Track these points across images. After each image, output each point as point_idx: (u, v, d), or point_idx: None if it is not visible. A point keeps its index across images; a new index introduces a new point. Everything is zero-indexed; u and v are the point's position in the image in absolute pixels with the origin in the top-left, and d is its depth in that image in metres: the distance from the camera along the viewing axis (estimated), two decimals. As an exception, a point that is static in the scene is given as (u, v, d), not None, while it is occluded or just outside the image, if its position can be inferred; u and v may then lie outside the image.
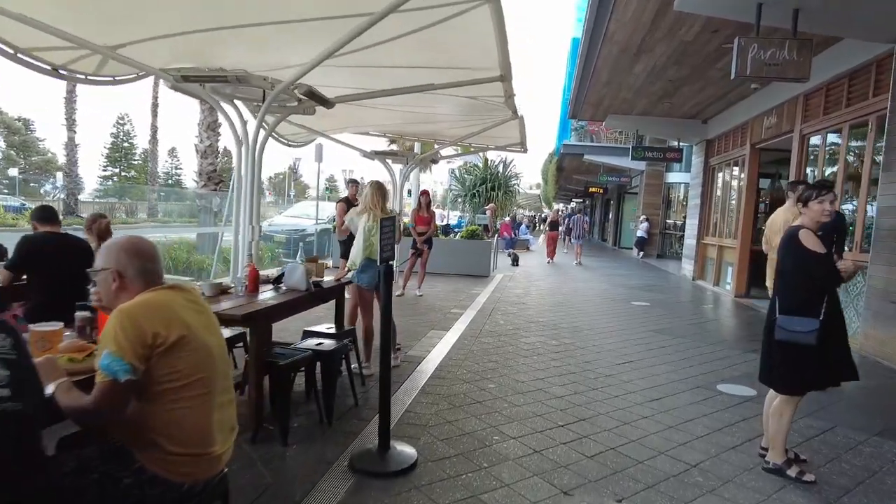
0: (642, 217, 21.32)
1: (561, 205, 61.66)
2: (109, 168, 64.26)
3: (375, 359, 4.85)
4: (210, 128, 12.33)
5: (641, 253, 20.82)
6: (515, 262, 15.64)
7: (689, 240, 14.38)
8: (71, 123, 24.60)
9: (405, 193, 9.90)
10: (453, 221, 25.48)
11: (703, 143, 13.68)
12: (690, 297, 11.09)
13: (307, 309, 4.24)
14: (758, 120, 10.29)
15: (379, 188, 4.82)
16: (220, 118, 13.01)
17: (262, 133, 5.46)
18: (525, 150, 11.43)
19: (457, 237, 13.09)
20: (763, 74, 5.71)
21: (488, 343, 6.16)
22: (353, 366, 4.63)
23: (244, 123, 6.18)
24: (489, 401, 4.28)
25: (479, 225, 14.27)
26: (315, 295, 4.15)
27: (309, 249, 14.78)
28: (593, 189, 30.72)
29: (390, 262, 3.37)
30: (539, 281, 12.41)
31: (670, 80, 10.16)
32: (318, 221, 14.86)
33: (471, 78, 5.71)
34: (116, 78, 5.60)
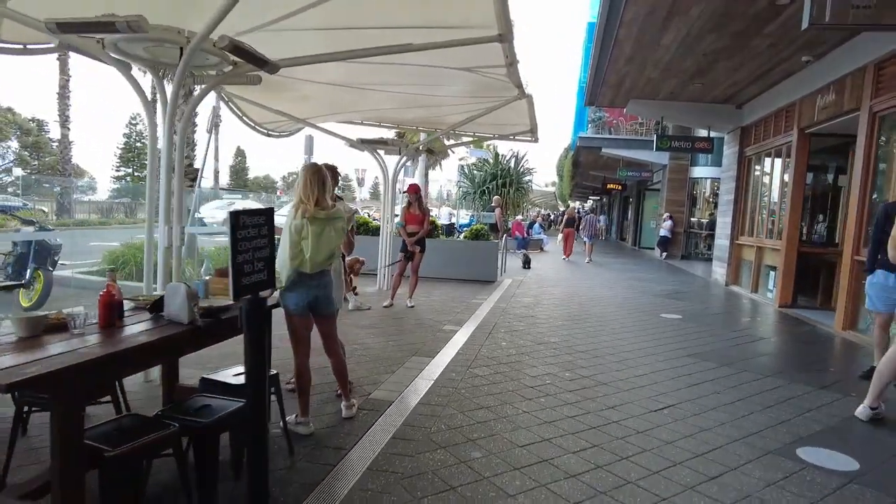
0: (665, 215, 19.75)
1: (577, 202, 60.07)
2: (122, 168, 63.91)
3: (326, 406, 3.55)
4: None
5: (664, 254, 19.27)
6: (527, 264, 14.22)
7: (721, 240, 12.85)
8: (64, 120, 23.67)
9: (408, 189, 8.52)
10: (464, 220, 24.15)
11: (737, 130, 12.14)
12: (728, 308, 9.59)
13: (193, 351, 2.90)
14: (809, 100, 8.76)
15: (315, 173, 3.49)
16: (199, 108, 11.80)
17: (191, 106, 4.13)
18: (536, 140, 10.09)
19: (460, 237, 11.72)
20: (849, 22, 4.26)
21: (482, 377, 4.78)
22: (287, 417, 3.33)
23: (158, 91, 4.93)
24: (469, 485, 2.91)
25: (486, 224, 12.89)
26: (206, 331, 2.80)
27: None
28: (611, 185, 29.11)
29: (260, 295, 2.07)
30: (552, 287, 10.99)
31: (705, 53, 8.67)
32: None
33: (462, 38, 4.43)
34: (27, 46, 4.74)
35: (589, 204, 51.18)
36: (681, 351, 6.01)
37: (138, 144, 65.62)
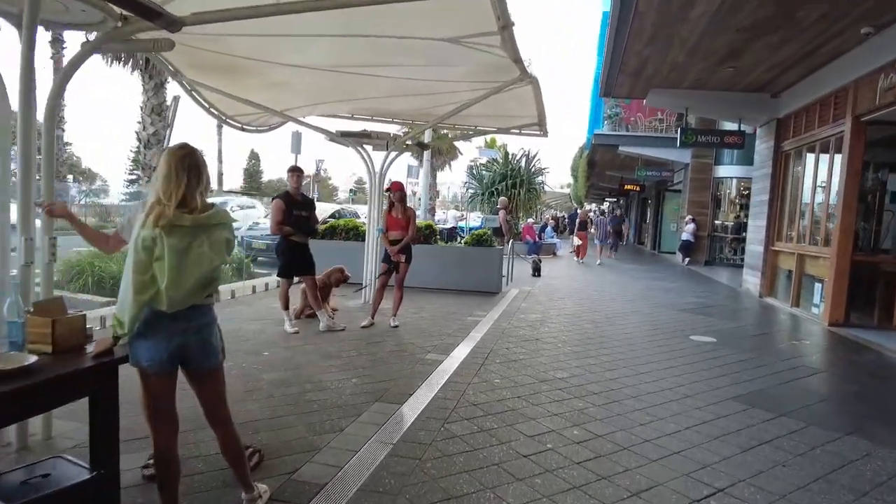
0: (688, 217, 18.35)
1: (593, 205, 58.38)
2: (136, 172, 63.70)
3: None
4: (156, 111, 10.05)
5: (687, 259, 17.87)
6: (537, 271, 12.96)
7: (754, 246, 11.48)
8: (59, 121, 22.89)
9: (390, 187, 7.26)
10: (476, 223, 22.85)
11: (772, 123, 10.79)
12: (768, 327, 8.26)
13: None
14: (868, 81, 7.42)
15: (182, 158, 2.32)
16: (169, 100, 10.72)
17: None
18: (544, 133, 8.89)
19: (461, 243, 10.50)
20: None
21: (461, 438, 3.57)
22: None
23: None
24: None
25: (490, 228, 11.67)
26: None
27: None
28: (629, 186, 27.67)
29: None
30: (563, 299, 9.72)
31: (740, 28, 7.39)
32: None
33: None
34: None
35: (605, 206, 49.71)
36: (722, 392, 4.74)
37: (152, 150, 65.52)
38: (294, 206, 6.22)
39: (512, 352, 5.81)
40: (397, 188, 6.82)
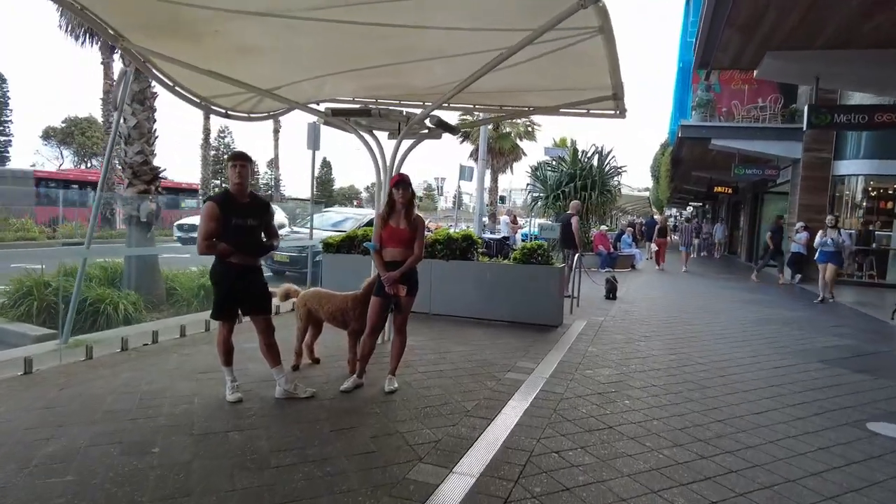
0: (798, 225, 14.95)
1: (673, 209, 53.78)
2: (211, 181, 65.23)
3: None
4: (138, 100, 8.30)
5: (798, 276, 14.53)
6: (612, 293, 10.32)
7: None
8: (107, 128, 22.33)
9: (393, 181, 4.86)
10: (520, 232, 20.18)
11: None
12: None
13: None
14: None
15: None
16: (157, 87, 8.99)
17: None
18: (621, 112, 6.51)
19: (506, 260, 8.08)
20: None
21: None
22: None
23: None
24: None
25: (551, 238, 9.20)
26: None
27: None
28: (719, 188, 24.11)
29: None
30: (648, 339, 7.12)
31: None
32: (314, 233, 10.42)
33: None
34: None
35: (689, 211, 45.58)
36: None
37: (225, 156, 66.92)
38: (235, 211, 4.09)
39: (565, 461, 3.39)
40: (400, 181, 4.54)
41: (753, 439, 3.83)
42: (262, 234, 4.34)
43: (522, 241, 17.42)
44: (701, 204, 41.32)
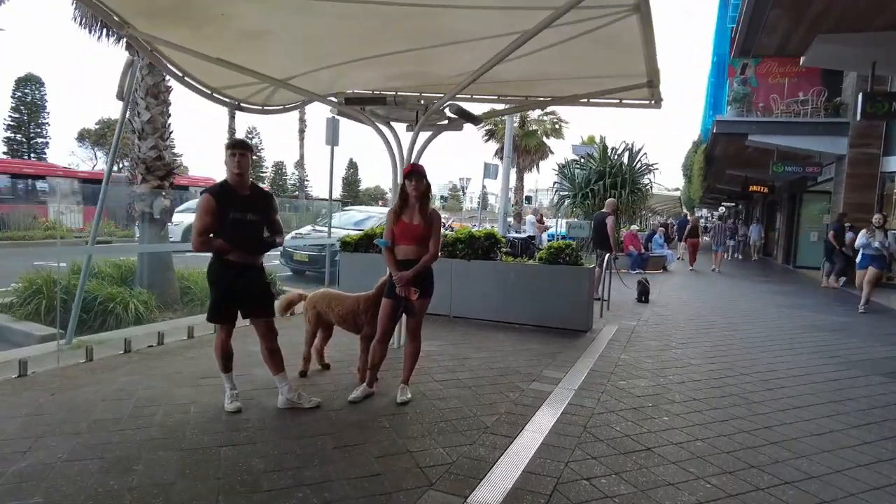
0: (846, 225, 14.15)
1: (703, 210, 52.37)
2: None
3: None
4: (151, 93, 8.08)
5: (843, 279, 13.73)
6: (643, 296, 9.77)
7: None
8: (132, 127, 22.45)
9: (406, 170, 4.42)
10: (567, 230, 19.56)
11: None
12: None
13: None
14: None
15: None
16: (171, 81, 8.77)
17: None
18: (656, 102, 6.08)
19: (531, 260, 7.63)
20: None
21: None
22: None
23: None
24: None
25: (579, 237, 8.71)
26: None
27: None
28: (755, 187, 23.20)
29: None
30: (685, 346, 6.61)
31: None
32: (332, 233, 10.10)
33: None
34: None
35: (722, 211, 44.33)
36: None
37: (254, 158, 67.53)
38: (234, 204, 3.75)
39: (597, 491, 2.94)
40: (413, 171, 4.13)
41: (816, 467, 3.33)
42: (266, 230, 4.00)
43: (549, 240, 16.90)
44: (734, 204, 40.07)
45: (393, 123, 6.22)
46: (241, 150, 3.81)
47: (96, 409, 3.83)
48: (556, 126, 26.99)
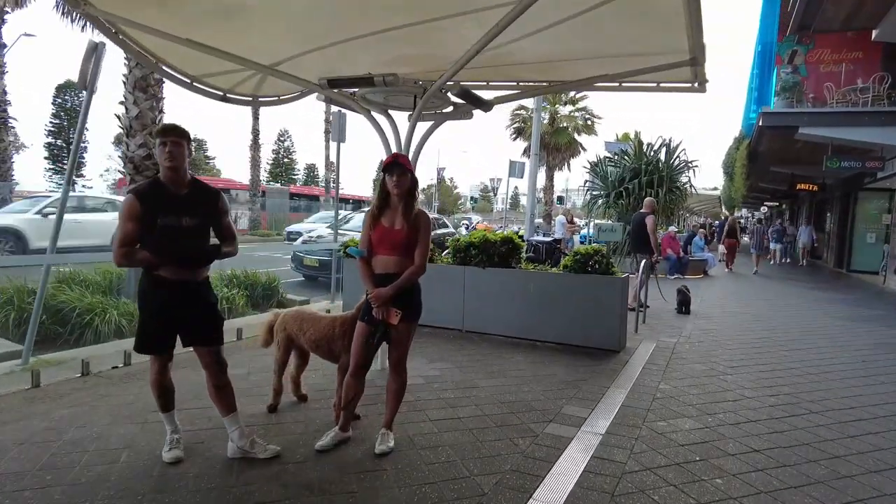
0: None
1: (743, 210, 50.03)
2: (272, 183, 66.50)
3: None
4: (139, 87, 7.45)
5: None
6: (684, 306, 8.73)
7: None
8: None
9: (387, 162, 3.69)
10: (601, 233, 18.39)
11: None
12: None
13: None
14: None
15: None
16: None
17: None
18: (700, 84, 5.22)
19: (555, 268, 6.71)
20: None
21: None
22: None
23: None
24: None
25: (605, 243, 7.76)
26: None
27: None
28: (803, 185, 21.58)
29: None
30: (736, 370, 5.61)
31: None
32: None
33: None
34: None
35: (763, 211, 42.29)
36: None
37: (286, 160, 67.96)
38: (166, 207, 2.99)
39: None
40: (394, 163, 3.29)
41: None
42: (214, 237, 3.24)
43: (581, 243, 15.84)
44: (777, 204, 38.02)
45: (392, 112, 5.42)
46: (172, 138, 3.03)
47: (5, 457, 3.12)
48: (588, 122, 25.80)
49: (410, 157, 5.05)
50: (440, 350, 5.74)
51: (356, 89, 4.87)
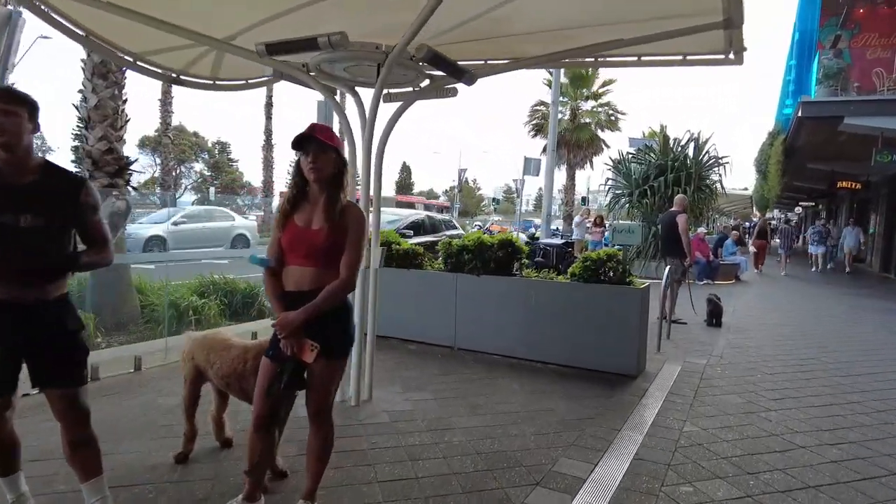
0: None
1: (775, 211, 47.85)
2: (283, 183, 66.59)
3: None
4: (98, 73, 6.70)
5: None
6: (715, 318, 7.65)
7: None
8: (166, 128, 21.87)
9: (301, 137, 3.02)
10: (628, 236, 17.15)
11: None
12: None
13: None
14: None
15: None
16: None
17: None
18: (736, 54, 4.18)
19: (561, 276, 5.73)
20: None
21: None
22: None
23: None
24: None
25: (621, 246, 6.75)
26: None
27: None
28: (844, 183, 20.07)
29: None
30: (780, 404, 4.58)
31: None
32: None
33: None
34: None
35: (798, 211, 40.37)
36: None
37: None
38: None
39: None
40: (309, 136, 2.37)
41: None
42: (76, 242, 2.40)
43: (606, 245, 14.77)
44: (813, 204, 36.11)
45: (360, 90, 4.54)
46: (8, 104, 2.19)
47: None
48: (612, 118, 24.56)
49: (376, 142, 4.16)
50: (422, 374, 4.83)
51: (307, 61, 4.00)
